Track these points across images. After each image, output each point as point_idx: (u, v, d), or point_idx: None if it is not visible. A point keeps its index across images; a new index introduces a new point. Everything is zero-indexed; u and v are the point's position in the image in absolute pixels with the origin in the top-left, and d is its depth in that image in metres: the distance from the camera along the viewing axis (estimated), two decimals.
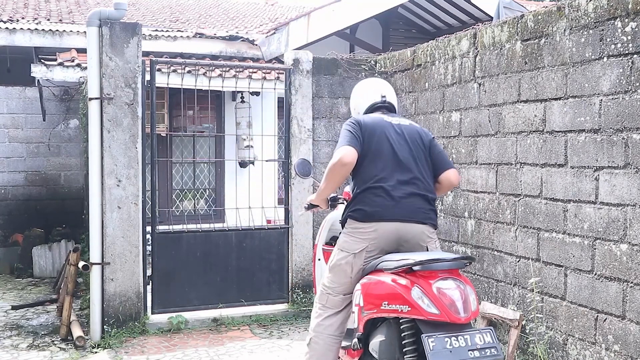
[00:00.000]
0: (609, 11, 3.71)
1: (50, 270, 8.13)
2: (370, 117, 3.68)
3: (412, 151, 3.59)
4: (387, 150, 3.54)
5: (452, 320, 2.94)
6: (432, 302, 2.97)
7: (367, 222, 3.44)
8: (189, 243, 5.72)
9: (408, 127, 3.70)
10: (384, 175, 3.48)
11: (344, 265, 3.50)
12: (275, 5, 14.48)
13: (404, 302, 3.05)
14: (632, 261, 3.58)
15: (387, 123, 3.65)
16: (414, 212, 3.45)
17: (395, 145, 3.56)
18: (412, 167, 3.54)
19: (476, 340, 2.92)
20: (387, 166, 3.50)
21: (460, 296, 3.00)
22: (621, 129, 3.64)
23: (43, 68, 7.53)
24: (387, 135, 3.58)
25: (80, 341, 5.08)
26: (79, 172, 9.52)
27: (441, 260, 3.09)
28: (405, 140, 3.60)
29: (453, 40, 5.21)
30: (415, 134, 3.68)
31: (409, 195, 3.47)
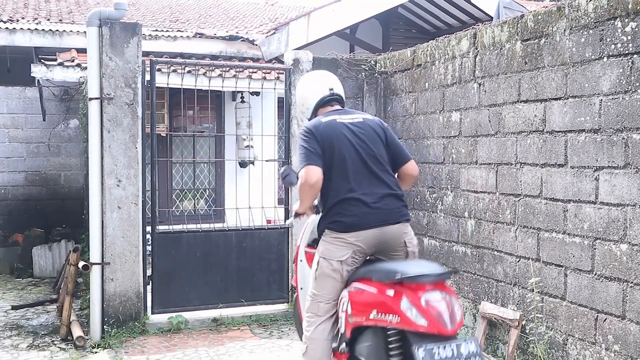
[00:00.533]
0: (609, 11, 3.71)
1: (50, 270, 8.13)
2: (324, 124, 3.65)
3: (372, 150, 3.62)
4: (351, 157, 3.57)
5: (440, 332, 3.03)
6: (421, 314, 3.06)
7: (347, 232, 3.50)
8: (189, 243, 5.72)
9: (363, 123, 3.71)
10: (354, 185, 3.53)
11: (331, 273, 3.54)
12: (275, 5, 14.48)
13: (394, 313, 3.14)
14: (632, 261, 3.58)
15: (341, 125, 3.65)
16: (389, 214, 3.56)
17: (357, 149, 3.59)
18: (377, 169, 3.60)
19: (462, 350, 3.03)
20: (354, 174, 3.55)
21: (446, 308, 3.09)
22: (621, 129, 3.64)
23: (43, 68, 7.53)
24: (346, 140, 3.59)
25: (80, 341, 5.08)
26: (79, 172, 9.52)
27: (429, 276, 3.17)
28: (364, 140, 3.63)
29: (453, 40, 5.21)
30: (371, 130, 3.70)
31: (381, 198, 3.55)
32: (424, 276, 3.16)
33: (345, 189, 3.53)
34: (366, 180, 3.56)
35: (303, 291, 4.19)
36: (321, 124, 3.67)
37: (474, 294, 4.95)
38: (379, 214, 3.52)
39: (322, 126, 3.64)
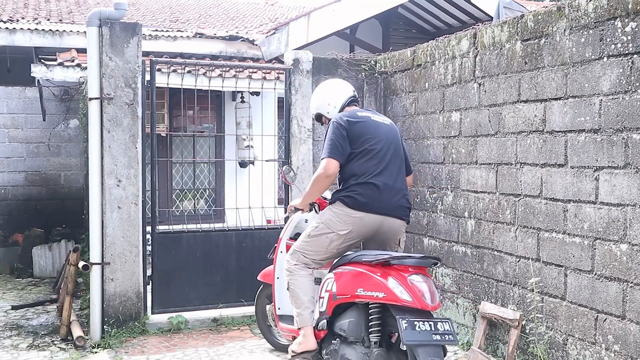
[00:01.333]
0: (609, 11, 3.71)
1: (50, 270, 8.13)
2: (358, 117, 4.16)
3: (395, 152, 4.09)
4: (378, 150, 4.00)
5: (422, 307, 3.43)
6: (406, 290, 3.46)
7: (356, 210, 3.89)
8: (189, 243, 5.72)
9: (390, 127, 4.19)
10: (377, 172, 3.94)
11: (324, 238, 3.95)
12: (275, 5, 14.48)
13: (380, 290, 3.52)
14: (632, 261, 3.58)
15: (375, 123, 4.12)
16: (397, 208, 3.97)
17: (384, 145, 4.04)
18: (396, 167, 4.06)
19: (438, 327, 3.40)
20: (380, 164, 3.97)
21: (428, 289, 3.52)
22: (621, 129, 3.64)
23: (43, 68, 7.53)
24: (377, 135, 4.04)
25: (80, 341, 5.08)
26: (79, 172, 9.52)
27: (414, 257, 3.60)
28: (390, 141, 4.10)
29: (453, 40, 5.21)
30: (396, 135, 4.20)
31: (396, 192, 3.98)
32: (409, 258, 3.59)
33: (368, 174, 3.93)
34: (388, 173, 3.97)
35: (279, 281, 4.47)
36: (356, 116, 4.11)
37: (474, 294, 4.95)
38: (388, 203, 3.92)
39: (355, 119, 4.08)
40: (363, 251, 3.91)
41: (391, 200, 3.95)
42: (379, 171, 3.95)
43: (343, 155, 3.95)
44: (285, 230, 4.63)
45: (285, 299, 4.43)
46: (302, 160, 6.16)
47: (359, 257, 3.78)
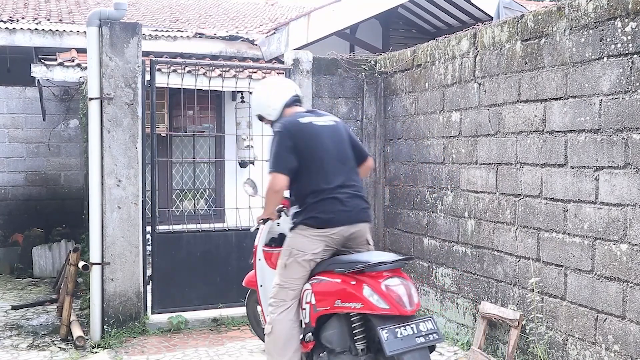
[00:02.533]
0: (609, 11, 3.71)
1: (50, 270, 8.13)
2: (302, 125, 3.89)
3: (344, 153, 3.93)
4: (328, 159, 3.83)
5: (401, 313, 3.34)
6: (382, 299, 3.37)
7: (323, 228, 3.76)
8: (189, 243, 5.72)
9: (335, 127, 3.99)
10: (330, 184, 3.79)
11: (303, 263, 3.78)
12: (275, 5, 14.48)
13: (357, 300, 3.44)
14: (632, 261, 3.58)
15: (318, 128, 3.91)
16: (359, 213, 3.86)
17: (332, 151, 3.86)
18: (347, 170, 3.90)
19: (421, 327, 3.34)
20: (330, 174, 3.81)
21: (405, 291, 3.41)
22: (621, 129, 3.64)
23: (43, 68, 7.53)
24: (323, 143, 3.86)
25: (80, 341, 5.08)
26: (79, 172, 9.52)
27: (386, 263, 3.51)
28: (337, 143, 3.92)
29: (453, 40, 5.21)
30: (340, 133, 3.99)
31: (352, 198, 3.84)
32: (381, 264, 3.49)
33: (322, 188, 3.78)
34: (340, 180, 3.82)
35: (263, 288, 4.42)
36: (299, 124, 3.90)
37: (474, 294, 4.95)
38: (351, 212, 3.80)
39: (300, 127, 3.88)
40: (335, 258, 3.78)
41: (353, 208, 3.82)
42: (335, 183, 3.79)
43: (290, 170, 3.78)
44: (259, 238, 4.55)
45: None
46: None
47: (332, 266, 3.70)
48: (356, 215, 3.84)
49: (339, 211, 3.78)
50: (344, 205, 3.79)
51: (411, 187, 5.82)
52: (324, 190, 3.78)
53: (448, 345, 5.13)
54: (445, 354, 4.94)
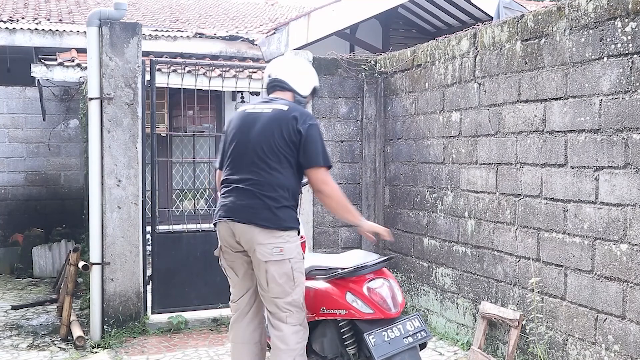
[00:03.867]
0: (609, 11, 3.71)
1: (50, 270, 8.13)
2: (235, 114, 3.62)
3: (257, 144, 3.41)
4: (235, 150, 3.48)
5: (385, 316, 3.32)
6: (366, 304, 3.33)
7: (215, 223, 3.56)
8: (189, 243, 5.72)
9: (267, 114, 3.45)
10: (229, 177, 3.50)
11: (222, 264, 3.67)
12: (275, 5, 14.49)
13: (341, 307, 3.39)
14: (632, 261, 3.58)
15: (244, 116, 3.53)
16: (239, 210, 3.42)
17: (244, 142, 3.45)
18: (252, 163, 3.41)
19: (408, 327, 3.34)
20: (233, 166, 3.49)
21: (388, 293, 3.39)
22: (621, 129, 3.64)
23: (43, 68, 7.53)
24: (240, 132, 3.49)
25: (80, 341, 5.08)
26: (79, 172, 9.52)
27: (367, 266, 3.44)
28: (258, 132, 3.42)
29: (453, 40, 5.20)
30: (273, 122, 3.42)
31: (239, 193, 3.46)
32: (362, 268, 3.42)
33: (223, 181, 3.51)
34: (240, 173, 3.43)
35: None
36: (235, 114, 3.64)
37: (474, 294, 4.95)
38: (230, 208, 3.41)
39: (234, 116, 3.63)
40: (314, 264, 3.68)
41: (235, 205, 3.40)
42: (234, 176, 3.45)
43: (219, 162, 3.61)
44: None
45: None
46: None
47: (313, 272, 3.63)
48: (232, 212, 3.39)
49: (221, 205, 3.46)
50: (226, 200, 3.43)
51: (411, 187, 5.82)
52: (223, 183, 3.51)
53: (448, 345, 5.13)
54: (445, 354, 4.94)
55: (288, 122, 3.38)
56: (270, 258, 3.33)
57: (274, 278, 3.36)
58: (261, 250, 3.33)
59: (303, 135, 3.38)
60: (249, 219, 3.35)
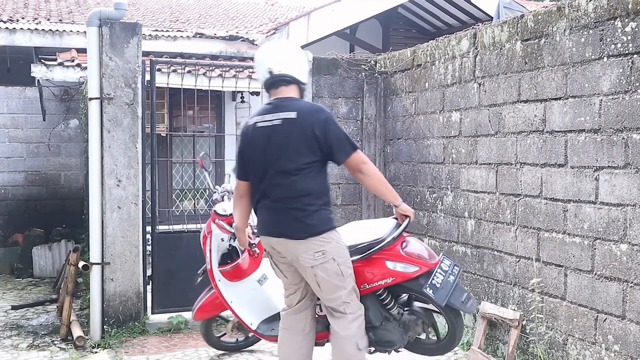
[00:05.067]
0: (609, 11, 3.71)
1: (50, 270, 8.13)
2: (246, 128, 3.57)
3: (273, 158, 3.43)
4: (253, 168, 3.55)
5: (430, 267, 3.67)
6: (408, 264, 3.66)
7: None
8: (189, 243, 5.71)
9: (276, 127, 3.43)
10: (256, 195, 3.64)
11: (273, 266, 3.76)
12: (275, 5, 14.50)
13: (385, 276, 3.67)
14: (632, 261, 3.58)
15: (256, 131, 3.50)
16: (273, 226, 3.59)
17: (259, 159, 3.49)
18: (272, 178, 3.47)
19: (444, 268, 3.71)
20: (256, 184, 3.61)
21: (422, 247, 3.78)
22: (621, 129, 3.64)
23: (43, 68, 7.53)
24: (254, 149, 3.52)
25: (80, 341, 5.08)
26: (79, 172, 9.52)
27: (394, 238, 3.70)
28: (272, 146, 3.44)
29: (453, 40, 5.20)
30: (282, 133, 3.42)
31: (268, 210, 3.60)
32: (390, 240, 3.67)
33: (253, 197, 3.62)
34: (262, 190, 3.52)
35: (236, 303, 4.50)
36: (246, 128, 3.59)
37: (474, 293, 4.94)
38: (261, 224, 3.63)
39: (244, 131, 3.60)
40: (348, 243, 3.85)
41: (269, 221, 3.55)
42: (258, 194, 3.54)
43: (241, 174, 3.65)
44: (209, 260, 4.56)
45: (254, 309, 4.48)
46: None
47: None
48: (268, 229, 3.57)
49: (258, 220, 3.65)
50: (259, 216, 3.63)
51: (411, 187, 5.82)
52: (253, 197, 3.62)
53: None
54: None
55: (303, 131, 3.38)
56: (314, 263, 3.43)
57: (324, 279, 3.47)
58: (304, 257, 3.44)
59: (323, 137, 3.39)
60: (281, 233, 3.47)
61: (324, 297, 3.57)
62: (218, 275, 4.51)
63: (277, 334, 4.22)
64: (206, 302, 4.71)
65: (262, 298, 4.61)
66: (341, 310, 3.55)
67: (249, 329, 4.56)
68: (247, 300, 4.55)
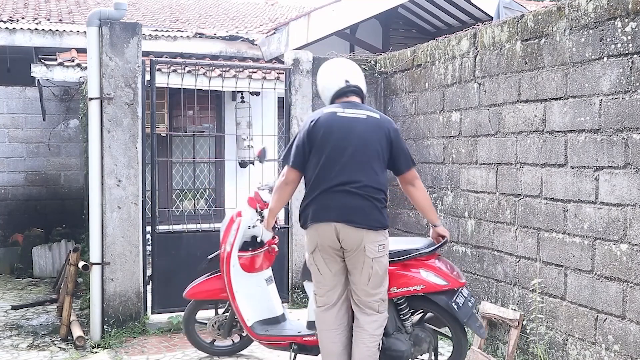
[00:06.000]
0: (609, 11, 3.71)
1: (50, 270, 8.13)
2: (323, 115, 3.70)
3: (360, 148, 3.64)
4: (332, 153, 3.63)
5: (459, 285, 3.89)
6: (441, 277, 3.86)
7: (308, 225, 3.78)
8: (189, 243, 5.72)
9: (363, 120, 3.68)
10: (329, 182, 3.67)
11: (313, 261, 3.82)
12: (275, 5, 14.50)
13: (417, 283, 3.84)
14: (632, 261, 3.58)
15: (337, 119, 3.67)
16: (346, 212, 3.65)
17: (342, 146, 3.63)
18: (355, 167, 3.63)
19: (464, 294, 3.96)
20: (331, 170, 3.64)
21: (453, 267, 4.00)
22: (621, 129, 3.64)
23: (43, 68, 7.52)
24: (334, 135, 3.63)
25: (80, 341, 5.08)
26: (79, 172, 9.52)
27: (431, 248, 3.97)
28: (357, 136, 3.64)
29: (453, 40, 5.20)
30: (370, 127, 3.69)
31: (346, 195, 3.64)
32: (428, 251, 3.94)
33: (319, 184, 3.65)
34: (341, 177, 3.61)
35: (240, 294, 4.48)
36: (321, 114, 3.74)
37: (474, 293, 4.94)
38: (335, 210, 3.62)
39: (320, 117, 3.72)
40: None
41: (343, 207, 3.60)
42: (334, 181, 3.60)
43: (300, 163, 3.69)
44: (231, 241, 4.51)
45: (254, 306, 4.48)
46: None
47: None
48: (341, 214, 3.59)
49: (322, 207, 3.62)
50: (330, 202, 3.60)
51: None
52: (314, 184, 3.65)
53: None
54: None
55: (383, 130, 3.70)
56: (376, 255, 3.64)
57: (377, 272, 3.67)
58: (370, 248, 3.61)
59: (395, 144, 3.75)
60: (361, 221, 3.59)
61: (368, 291, 3.67)
62: (235, 260, 4.49)
63: (270, 334, 4.36)
64: (204, 283, 4.67)
65: (265, 297, 4.61)
66: (375, 307, 3.70)
67: (243, 325, 4.53)
68: (250, 295, 4.54)
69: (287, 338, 4.38)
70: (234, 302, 4.52)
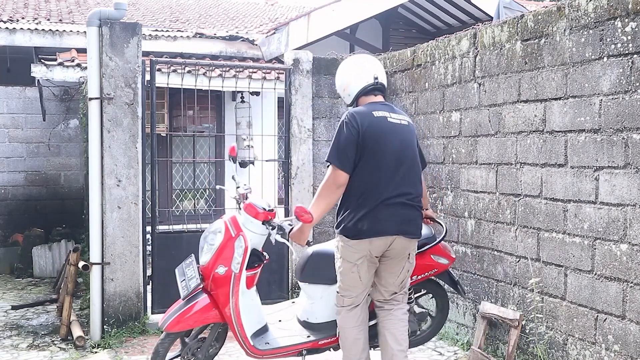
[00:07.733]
0: (609, 11, 3.71)
1: (50, 270, 8.13)
2: (370, 118, 3.61)
3: (411, 157, 3.75)
4: (390, 162, 3.62)
5: (453, 260, 4.31)
6: (446, 258, 4.24)
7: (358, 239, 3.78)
8: (189, 243, 5.70)
9: (407, 127, 3.79)
10: (386, 192, 3.67)
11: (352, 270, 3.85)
12: (275, 5, 14.50)
13: (432, 267, 4.17)
14: (632, 261, 3.58)
15: (390, 125, 3.66)
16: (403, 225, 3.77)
17: (398, 154, 3.66)
18: (409, 177, 3.71)
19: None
20: (389, 179, 3.65)
21: (446, 245, 4.35)
22: (621, 129, 3.64)
23: (43, 68, 7.53)
24: (391, 142, 3.62)
25: (80, 341, 5.08)
26: (79, 172, 9.52)
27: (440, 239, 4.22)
28: (406, 145, 3.72)
29: (453, 40, 5.20)
30: (411, 135, 3.81)
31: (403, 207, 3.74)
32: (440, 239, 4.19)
33: (375, 193, 3.59)
34: (399, 188, 3.64)
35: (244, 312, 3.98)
36: (370, 117, 3.62)
37: (474, 294, 4.95)
38: (397, 224, 3.68)
39: (371, 120, 3.61)
40: None
41: (402, 219, 3.66)
42: (392, 191, 3.58)
43: (350, 166, 3.54)
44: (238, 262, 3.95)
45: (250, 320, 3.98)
46: (302, 160, 6.17)
47: None
48: (400, 228, 3.63)
49: (383, 221, 3.58)
50: (390, 216, 3.58)
51: None
52: (377, 197, 3.56)
53: (448, 345, 5.12)
54: (445, 354, 4.94)
55: (415, 137, 3.83)
56: (413, 260, 3.90)
57: (408, 272, 3.88)
58: (412, 254, 3.85)
59: (419, 148, 3.89)
60: (414, 232, 3.75)
61: (398, 284, 3.83)
62: (243, 280, 3.98)
63: (270, 348, 3.99)
64: (194, 309, 3.94)
65: (256, 309, 4.17)
66: (400, 298, 3.90)
67: (245, 342, 4.02)
68: (248, 310, 4.06)
69: (299, 346, 4.06)
70: (238, 322, 3.98)
